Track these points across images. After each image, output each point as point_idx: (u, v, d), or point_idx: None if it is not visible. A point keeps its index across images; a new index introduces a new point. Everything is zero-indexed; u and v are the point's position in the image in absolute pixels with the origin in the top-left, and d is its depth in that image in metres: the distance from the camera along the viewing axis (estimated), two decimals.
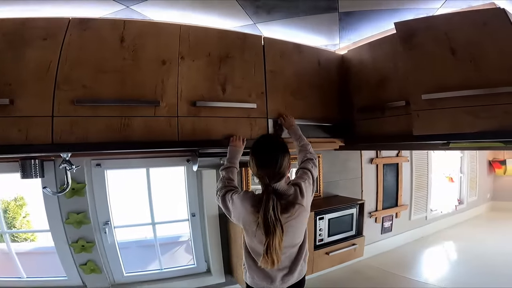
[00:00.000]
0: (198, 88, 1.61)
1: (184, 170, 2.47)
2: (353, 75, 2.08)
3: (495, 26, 1.36)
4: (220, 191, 1.40)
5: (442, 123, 1.53)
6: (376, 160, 3.29)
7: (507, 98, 1.37)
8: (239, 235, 2.13)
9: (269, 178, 1.21)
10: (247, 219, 1.24)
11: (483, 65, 1.41)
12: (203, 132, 1.63)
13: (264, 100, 1.79)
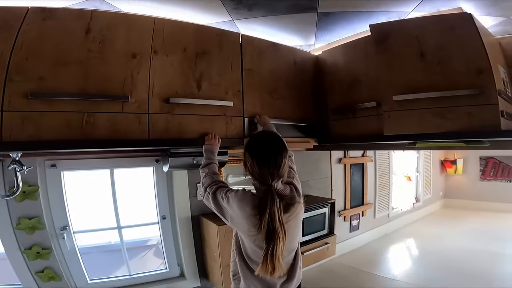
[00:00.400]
0: (172, 84, 1.52)
1: (153, 171, 2.33)
2: (327, 76, 2.11)
3: (462, 30, 1.45)
4: (210, 187, 1.28)
5: (411, 123, 1.60)
6: (344, 160, 3.40)
7: (470, 100, 1.46)
8: (214, 238, 2.06)
9: (271, 178, 1.10)
10: (245, 223, 1.12)
11: (449, 68, 1.50)
12: (177, 130, 1.54)
13: (240, 99, 1.74)
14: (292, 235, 1.17)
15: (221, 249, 1.98)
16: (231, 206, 1.15)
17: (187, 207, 2.31)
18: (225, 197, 1.18)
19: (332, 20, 1.81)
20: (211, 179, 1.33)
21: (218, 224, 2.01)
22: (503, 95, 1.46)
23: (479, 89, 1.43)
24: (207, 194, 1.27)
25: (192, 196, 2.36)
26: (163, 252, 2.33)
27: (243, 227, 1.14)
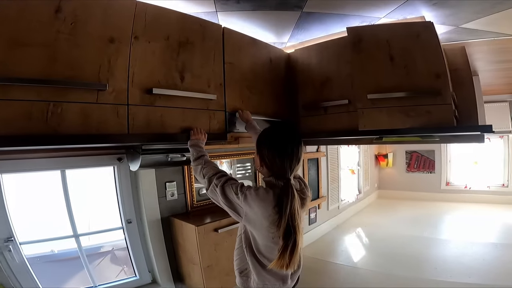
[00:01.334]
0: (154, 73, 1.40)
1: (115, 171, 2.10)
2: (299, 74, 2.18)
3: (425, 37, 1.65)
4: (217, 178, 1.16)
5: (382, 120, 1.77)
6: (310, 155, 3.56)
7: (429, 100, 1.68)
8: (192, 239, 1.96)
9: (290, 171, 1.07)
10: (266, 221, 1.05)
11: (413, 71, 1.70)
12: (158, 124, 1.43)
13: (222, 92, 1.69)
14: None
15: (201, 250, 1.89)
16: (249, 205, 1.06)
17: (155, 208, 2.15)
18: (240, 194, 1.08)
19: (311, 20, 1.88)
20: (213, 169, 1.22)
21: (196, 224, 1.92)
22: (453, 97, 1.72)
23: (438, 91, 1.65)
24: (213, 186, 1.16)
25: (161, 196, 2.21)
26: (130, 259, 2.13)
27: (261, 225, 1.08)
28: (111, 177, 2.13)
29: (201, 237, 1.89)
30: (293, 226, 1.00)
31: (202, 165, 1.26)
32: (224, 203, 1.13)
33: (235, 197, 1.09)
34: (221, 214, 2.15)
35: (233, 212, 1.13)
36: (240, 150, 2.78)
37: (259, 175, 2.95)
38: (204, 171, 1.24)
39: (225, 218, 2.03)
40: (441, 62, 1.65)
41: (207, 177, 1.21)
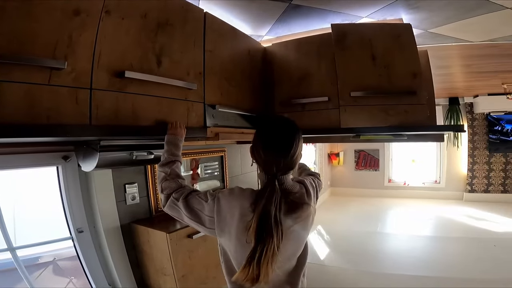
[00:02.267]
0: (127, 55, 1.16)
1: (59, 171, 1.75)
2: (277, 69, 2.08)
3: (405, 38, 1.69)
4: (176, 192, 1.04)
5: (363, 117, 1.77)
6: None
7: (407, 100, 1.72)
8: (162, 247, 1.73)
9: (277, 167, 0.93)
10: (242, 223, 0.91)
11: (393, 71, 1.72)
12: (129, 114, 1.19)
13: (202, 82, 1.50)
14: (297, 240, 1.00)
15: (174, 259, 1.66)
16: (223, 208, 0.94)
17: (113, 215, 1.85)
18: (211, 198, 0.97)
19: (295, 14, 1.80)
20: (175, 184, 1.07)
21: (168, 231, 1.68)
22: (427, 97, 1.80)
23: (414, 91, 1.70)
24: (172, 200, 1.02)
25: (120, 200, 1.91)
26: (84, 271, 1.78)
27: (236, 230, 0.92)
28: (54, 180, 1.77)
29: (173, 244, 1.67)
30: (266, 228, 0.84)
31: (166, 174, 1.09)
32: (189, 217, 0.99)
33: (204, 204, 0.97)
34: None
35: (200, 226, 0.99)
36: (207, 148, 2.59)
37: (227, 176, 2.79)
38: (164, 183, 1.08)
39: None
40: (417, 62, 1.71)
41: (166, 192, 1.06)
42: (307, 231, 1.03)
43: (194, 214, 0.98)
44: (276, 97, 2.11)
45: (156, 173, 2.16)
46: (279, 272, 0.94)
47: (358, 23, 1.86)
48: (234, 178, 2.92)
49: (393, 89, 1.72)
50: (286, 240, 0.91)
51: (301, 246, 1.04)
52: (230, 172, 2.84)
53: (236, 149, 2.94)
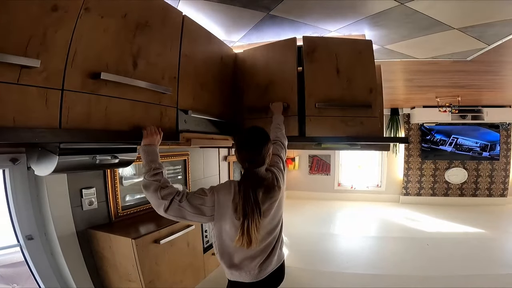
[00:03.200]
0: (104, 55, 1.13)
1: (5, 175, 1.58)
2: (246, 75, 2.13)
3: (366, 55, 1.87)
4: (177, 195, 1.20)
5: (326, 127, 1.91)
6: (229, 157, 3.52)
7: (363, 112, 1.91)
8: (127, 254, 1.66)
9: (250, 163, 1.27)
10: (233, 206, 1.22)
11: (354, 85, 1.89)
12: (102, 118, 1.15)
13: (176, 86, 1.50)
14: (273, 217, 1.33)
15: (140, 265, 1.61)
16: (219, 197, 1.22)
17: (68, 221, 1.72)
18: (209, 191, 1.24)
19: (271, 23, 1.87)
20: (173, 189, 1.22)
21: (133, 237, 1.62)
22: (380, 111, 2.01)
23: (370, 104, 1.89)
24: (177, 203, 1.19)
25: (76, 206, 1.78)
26: (35, 280, 1.62)
27: (229, 213, 1.22)
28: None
29: (140, 250, 1.62)
30: (248, 206, 1.16)
31: (159, 184, 1.20)
32: (193, 213, 1.20)
33: (205, 198, 1.22)
34: (156, 223, 1.91)
35: (202, 217, 1.23)
36: (170, 152, 2.54)
37: (189, 180, 2.75)
38: (162, 192, 1.19)
39: (165, 228, 1.81)
40: (374, 78, 1.90)
41: (167, 199, 1.18)
42: (281, 208, 1.40)
43: (197, 208, 1.21)
44: (245, 103, 2.17)
45: (116, 177, 2.07)
46: (262, 244, 1.31)
47: (327, 37, 2.01)
48: (197, 182, 2.90)
49: (353, 102, 1.89)
50: (265, 218, 1.26)
51: (278, 221, 1.39)
52: (193, 175, 2.81)
53: (199, 153, 2.93)
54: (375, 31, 2.05)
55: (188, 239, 2.02)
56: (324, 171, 6.90)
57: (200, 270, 2.16)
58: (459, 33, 2.07)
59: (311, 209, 5.93)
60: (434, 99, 4.93)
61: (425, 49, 2.49)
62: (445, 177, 6.14)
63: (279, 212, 1.39)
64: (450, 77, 3.55)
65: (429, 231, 4.43)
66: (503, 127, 5.85)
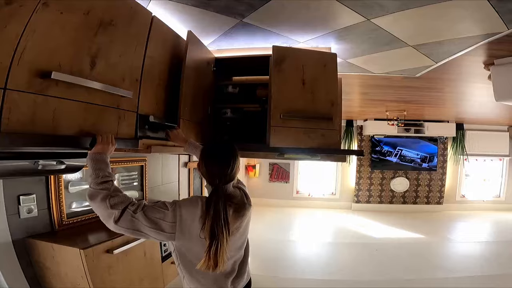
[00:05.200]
0: (57, 53, 1.01)
1: None
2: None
3: (330, 68, 1.94)
4: (131, 205, 1.07)
5: (289, 138, 1.94)
6: (189, 164, 3.41)
7: (325, 125, 1.98)
8: (75, 265, 1.53)
9: (219, 178, 1.16)
10: (199, 224, 1.11)
11: (317, 97, 1.95)
12: (49, 121, 1.02)
13: (137, 90, 1.40)
14: (241, 235, 1.26)
15: (91, 276, 1.47)
16: (182, 213, 1.11)
17: (4, 229, 1.53)
18: (171, 206, 1.12)
19: (243, 31, 1.87)
20: (125, 198, 1.09)
21: (82, 247, 1.47)
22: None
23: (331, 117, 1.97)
24: (129, 213, 1.06)
25: (12, 213, 1.59)
26: None
27: (194, 231, 1.11)
28: None
29: (90, 261, 1.49)
30: (217, 226, 1.07)
31: (108, 193, 1.07)
32: (149, 227, 1.08)
33: (165, 213, 1.10)
34: (108, 232, 1.76)
35: (160, 233, 1.10)
36: (127, 157, 2.38)
37: (146, 186, 2.61)
38: (111, 200, 1.06)
39: (118, 237, 1.68)
40: (336, 91, 1.99)
41: (118, 208, 1.05)
42: (248, 226, 1.33)
43: (154, 223, 1.08)
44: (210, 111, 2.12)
45: (61, 183, 1.88)
46: (231, 261, 1.24)
47: (296, 48, 2.06)
48: (155, 189, 2.76)
49: (316, 114, 1.94)
50: (234, 236, 1.18)
51: (245, 239, 1.33)
52: (151, 182, 2.67)
53: (157, 159, 2.79)
54: (340, 44, 2.16)
55: (145, 248, 1.91)
56: (284, 179, 7.05)
57: (159, 279, 2.06)
58: (413, 50, 2.27)
59: (271, 216, 6.00)
60: (384, 112, 5.33)
61: (381, 65, 2.69)
62: (391, 186, 6.65)
63: (247, 229, 1.34)
64: (399, 92, 3.88)
65: (377, 237, 4.75)
66: (440, 141, 6.53)
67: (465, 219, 5.99)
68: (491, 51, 2.35)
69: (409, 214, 6.27)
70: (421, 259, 3.78)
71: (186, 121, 1.75)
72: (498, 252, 4.00)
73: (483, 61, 2.61)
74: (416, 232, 4.99)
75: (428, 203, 6.63)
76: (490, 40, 2.10)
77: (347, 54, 2.42)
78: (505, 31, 1.93)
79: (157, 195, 2.78)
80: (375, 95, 4.18)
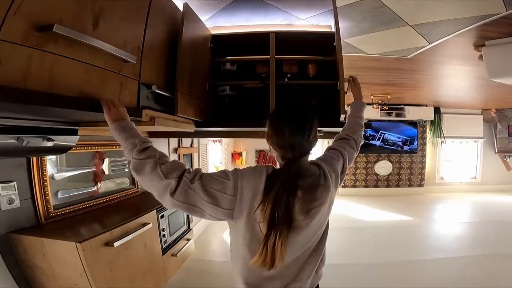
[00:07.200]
0: (59, 7, 0.87)
1: None
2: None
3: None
4: (189, 173, 0.89)
5: None
6: (179, 149, 3.25)
7: None
8: (71, 261, 1.34)
9: (293, 151, 0.91)
10: (256, 203, 0.85)
11: None
12: (44, 80, 0.87)
13: (139, 58, 1.26)
14: (313, 226, 0.94)
15: (91, 274, 1.31)
16: (244, 184, 0.87)
17: None
18: (232, 174, 0.89)
19: (243, 6, 1.76)
20: (176, 163, 0.91)
21: (77, 240, 1.31)
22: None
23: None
24: (186, 183, 0.86)
25: None
26: None
27: (253, 209, 0.86)
28: None
29: (88, 256, 1.32)
30: (279, 213, 0.83)
31: (156, 160, 0.89)
32: (206, 201, 0.86)
33: (226, 184, 0.87)
34: (102, 223, 1.62)
35: (217, 209, 0.87)
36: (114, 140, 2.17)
37: None
38: (163, 168, 0.87)
39: (118, 227, 1.52)
40: None
41: (173, 176, 0.86)
42: (325, 215, 0.98)
43: (212, 196, 0.86)
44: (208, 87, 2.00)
45: (45, 168, 1.66)
46: (293, 261, 0.95)
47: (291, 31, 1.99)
48: None
49: None
50: (301, 230, 0.90)
51: (318, 231, 0.99)
52: None
53: None
54: (340, 23, 2.09)
55: (145, 239, 1.76)
56: None
57: (161, 274, 1.90)
58: (411, 30, 2.26)
59: None
60: (369, 96, 5.40)
61: (377, 45, 2.67)
62: (375, 170, 6.82)
63: (325, 221, 1.01)
64: (388, 74, 3.91)
65: (368, 221, 4.83)
66: (420, 124, 6.76)
67: (445, 200, 6.25)
68: (483, 32, 2.39)
69: (393, 197, 6.46)
70: (414, 240, 3.89)
71: (185, 95, 1.63)
72: (483, 232, 4.14)
73: (474, 42, 2.66)
74: (403, 214, 5.14)
75: (411, 186, 6.87)
76: (487, 21, 2.12)
77: (345, 34, 2.37)
78: (503, 12, 1.95)
79: None
80: (363, 78, 4.19)
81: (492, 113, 6.64)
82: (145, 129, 1.58)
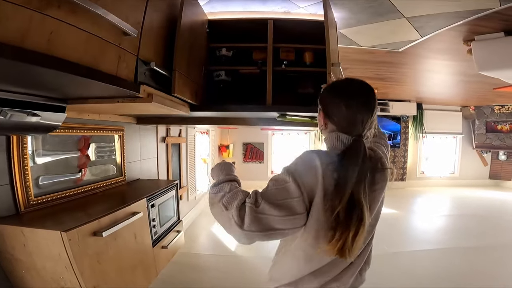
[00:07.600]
0: None
1: None
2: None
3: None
4: (249, 198, 0.80)
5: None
6: (168, 139, 3.13)
7: None
8: (46, 254, 1.23)
9: (363, 126, 0.84)
10: (321, 191, 0.78)
11: None
12: (42, 43, 0.78)
13: (139, 33, 1.17)
14: (375, 211, 0.93)
15: (78, 266, 1.20)
16: (302, 181, 0.78)
17: None
18: (289, 176, 0.79)
19: None
20: (240, 191, 0.85)
21: (62, 229, 1.19)
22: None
23: None
24: (252, 208, 0.77)
25: None
26: None
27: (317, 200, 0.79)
28: None
29: (74, 246, 1.20)
30: (359, 199, 0.76)
31: (225, 193, 0.84)
32: (281, 217, 0.77)
33: (287, 188, 0.78)
34: (87, 212, 1.52)
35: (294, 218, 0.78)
36: (101, 124, 2.05)
37: (124, 161, 2.30)
38: (225, 200, 0.82)
39: (106, 215, 1.42)
40: None
41: (234, 205, 0.80)
42: (382, 199, 0.95)
43: (285, 207, 0.77)
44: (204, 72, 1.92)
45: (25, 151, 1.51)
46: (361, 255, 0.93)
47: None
48: (133, 165, 2.46)
49: None
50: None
51: (377, 218, 0.97)
52: (129, 156, 2.37)
53: (135, 130, 2.48)
54: (337, 13, 2.07)
55: (135, 229, 1.66)
56: (258, 159, 6.98)
57: (151, 267, 1.80)
58: (405, 22, 2.26)
59: None
60: None
61: (371, 37, 2.66)
62: None
63: (378, 213, 0.98)
64: (377, 68, 3.94)
65: None
66: (403, 119, 6.94)
67: (426, 194, 6.47)
68: (475, 27, 2.43)
69: None
70: (400, 232, 4.00)
71: (183, 76, 1.56)
72: (462, 225, 4.32)
73: (464, 37, 2.71)
74: (389, 207, 5.26)
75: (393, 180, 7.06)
76: (480, 15, 2.15)
77: (340, 24, 2.35)
78: (497, 7, 1.98)
79: (136, 172, 2.49)
80: (352, 72, 4.21)
81: (471, 110, 6.91)
82: (139, 107, 1.47)
